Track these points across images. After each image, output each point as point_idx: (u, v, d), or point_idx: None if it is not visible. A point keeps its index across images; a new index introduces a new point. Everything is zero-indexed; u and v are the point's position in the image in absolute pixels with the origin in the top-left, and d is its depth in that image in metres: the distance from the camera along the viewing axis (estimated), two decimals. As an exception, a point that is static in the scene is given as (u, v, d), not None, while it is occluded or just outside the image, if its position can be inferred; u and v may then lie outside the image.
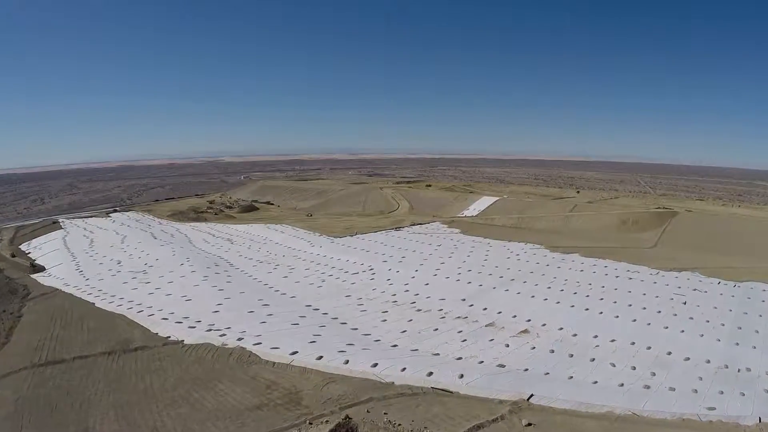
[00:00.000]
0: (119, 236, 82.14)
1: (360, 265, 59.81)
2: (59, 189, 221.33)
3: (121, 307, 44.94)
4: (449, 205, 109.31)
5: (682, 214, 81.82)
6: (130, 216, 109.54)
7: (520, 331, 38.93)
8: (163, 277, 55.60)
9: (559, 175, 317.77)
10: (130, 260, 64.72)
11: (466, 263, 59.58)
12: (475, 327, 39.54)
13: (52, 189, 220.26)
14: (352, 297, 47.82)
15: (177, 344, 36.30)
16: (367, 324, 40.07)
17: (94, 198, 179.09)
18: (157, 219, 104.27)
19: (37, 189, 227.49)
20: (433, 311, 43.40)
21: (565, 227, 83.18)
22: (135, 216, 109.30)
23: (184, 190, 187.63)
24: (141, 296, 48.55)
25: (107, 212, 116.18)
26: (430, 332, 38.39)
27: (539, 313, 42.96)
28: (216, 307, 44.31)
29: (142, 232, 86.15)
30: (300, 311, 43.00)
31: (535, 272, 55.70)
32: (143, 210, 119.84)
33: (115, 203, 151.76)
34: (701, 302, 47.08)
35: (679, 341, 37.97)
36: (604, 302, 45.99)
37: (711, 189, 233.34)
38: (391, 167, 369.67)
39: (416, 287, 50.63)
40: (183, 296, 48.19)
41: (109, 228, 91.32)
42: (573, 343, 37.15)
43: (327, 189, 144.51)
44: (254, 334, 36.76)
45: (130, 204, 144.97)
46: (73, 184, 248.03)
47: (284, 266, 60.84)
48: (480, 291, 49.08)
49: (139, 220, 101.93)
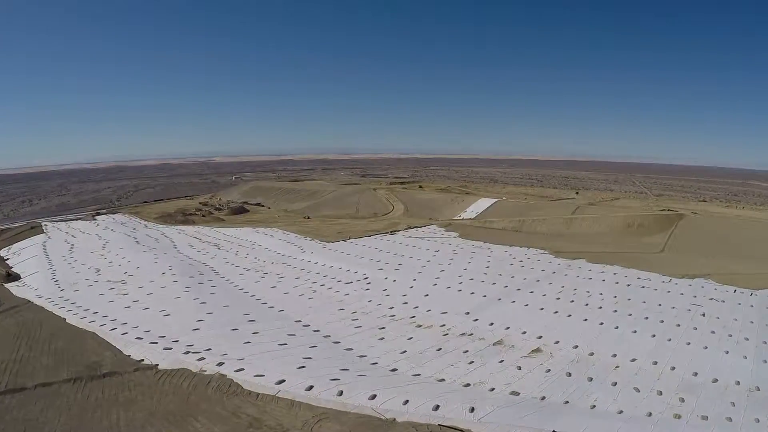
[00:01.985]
0: (101, 241, 78.00)
1: (354, 274, 56.11)
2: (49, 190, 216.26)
3: (94, 324, 40.99)
4: (446, 207, 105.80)
5: (689, 216, 78.83)
6: (116, 218, 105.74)
7: (532, 350, 35.38)
8: (143, 288, 51.66)
9: (552, 175, 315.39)
10: (109, 268, 60.75)
11: (468, 271, 56.03)
12: (482, 346, 35.93)
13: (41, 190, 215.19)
14: (346, 310, 44.07)
15: (150, 369, 32.50)
16: (362, 343, 36.32)
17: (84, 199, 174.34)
18: (144, 221, 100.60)
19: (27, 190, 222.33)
20: (435, 327, 39.72)
21: (568, 230, 79.89)
22: (121, 218, 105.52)
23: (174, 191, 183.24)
24: (116, 310, 44.60)
25: (93, 215, 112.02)
26: (433, 353, 34.70)
27: (550, 328, 39.46)
28: (196, 323, 40.41)
29: (126, 236, 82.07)
30: (288, 328, 39.20)
31: (542, 281, 52.24)
32: (130, 212, 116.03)
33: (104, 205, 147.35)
34: (720, 313, 44.02)
35: (703, 360, 34.78)
36: (618, 315, 42.64)
37: (706, 189, 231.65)
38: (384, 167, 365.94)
39: (415, 299, 46.98)
40: (161, 310, 44.23)
41: (93, 232, 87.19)
42: (590, 363, 33.66)
43: (319, 190, 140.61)
44: (237, 357, 32.90)
45: (118, 205, 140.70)
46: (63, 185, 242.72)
47: (273, 275, 57.02)
48: (484, 303, 45.50)
49: (125, 223, 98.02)
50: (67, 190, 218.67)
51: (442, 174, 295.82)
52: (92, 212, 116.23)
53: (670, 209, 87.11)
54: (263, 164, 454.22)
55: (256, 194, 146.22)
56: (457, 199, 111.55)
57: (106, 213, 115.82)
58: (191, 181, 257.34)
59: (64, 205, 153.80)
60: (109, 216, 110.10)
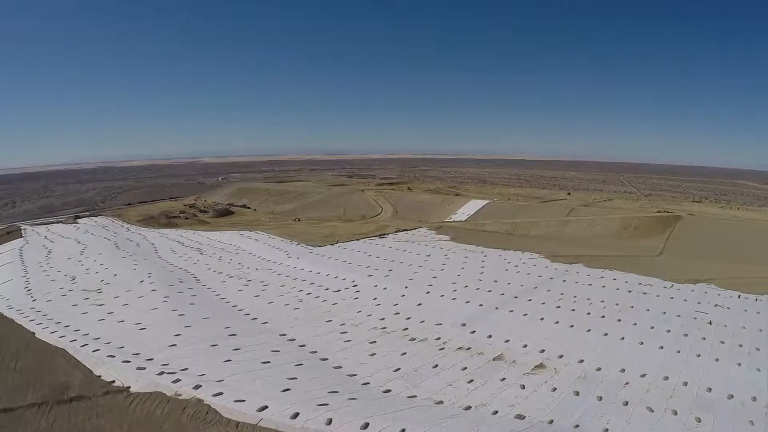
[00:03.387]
0: (80, 246, 74.84)
1: (342, 281, 53.44)
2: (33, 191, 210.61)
3: (64, 339, 37.89)
4: (436, 209, 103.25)
5: (686, 218, 76.99)
6: (97, 221, 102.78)
7: (535, 365, 32.94)
8: (119, 298, 48.58)
9: (541, 175, 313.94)
10: (86, 276, 57.67)
11: (461, 277, 53.56)
12: (481, 362, 33.42)
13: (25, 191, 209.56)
14: (334, 322, 41.37)
15: (121, 393, 29.58)
16: (352, 360, 33.61)
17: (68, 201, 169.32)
18: (126, 224, 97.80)
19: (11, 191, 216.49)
20: (430, 341, 37.13)
21: (563, 233, 77.72)
22: (103, 221, 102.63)
23: (160, 193, 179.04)
24: (89, 323, 41.54)
25: (75, 217, 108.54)
26: (429, 370, 32.10)
27: (553, 340, 37.10)
28: (173, 338, 37.46)
29: (106, 241, 78.89)
30: (272, 343, 36.40)
31: (539, 287, 49.92)
32: (113, 214, 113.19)
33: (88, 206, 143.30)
34: (727, 321, 42.13)
35: (716, 373, 32.75)
36: (622, 324, 40.43)
37: (695, 188, 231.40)
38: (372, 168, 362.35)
39: (407, 308, 44.39)
40: (137, 323, 41.18)
41: (72, 236, 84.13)
42: (598, 380, 31.30)
43: (306, 192, 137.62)
44: (215, 378, 30.04)
45: (102, 207, 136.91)
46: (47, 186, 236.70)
47: (257, 282, 54.19)
48: (481, 312, 43.03)
49: (107, 227, 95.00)
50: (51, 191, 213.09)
51: (431, 174, 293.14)
52: (72, 215, 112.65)
53: (666, 210, 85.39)
54: (251, 165, 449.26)
55: (242, 196, 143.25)
56: (447, 201, 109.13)
57: (89, 215, 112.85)
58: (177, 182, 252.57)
59: (48, 207, 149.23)
60: (91, 219, 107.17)
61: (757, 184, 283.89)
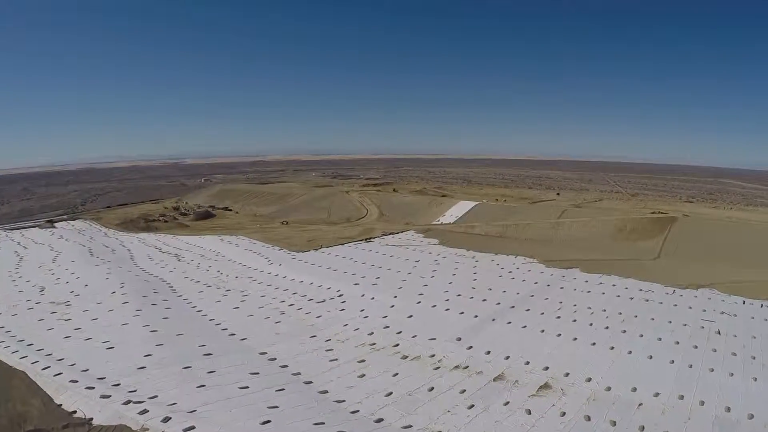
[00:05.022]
0: (53, 253, 71.64)
1: (327, 290, 50.31)
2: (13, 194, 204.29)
3: (26, 360, 34.47)
4: (423, 211, 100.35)
5: (681, 219, 75.01)
6: (75, 225, 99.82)
7: (540, 386, 30.11)
8: (88, 312, 45.11)
9: (526, 175, 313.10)
10: (55, 286, 54.31)
11: (453, 285, 50.70)
12: (481, 382, 30.49)
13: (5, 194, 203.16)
14: (318, 337, 38.20)
15: (82, 426, 26.30)
16: (339, 383, 30.45)
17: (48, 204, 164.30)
18: (104, 229, 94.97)
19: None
20: (424, 358, 34.12)
21: (556, 236, 75.25)
22: (81, 225, 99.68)
23: (141, 195, 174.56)
24: (54, 341, 38.09)
25: (48, 221, 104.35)
26: (424, 393, 29.07)
27: (556, 356, 34.34)
28: (143, 359, 34.04)
29: (81, 247, 75.64)
30: (252, 363, 33.16)
31: (536, 295, 47.23)
32: (92, 218, 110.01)
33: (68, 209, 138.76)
34: (736, 330, 39.99)
35: (732, 390, 30.38)
36: (628, 336, 37.87)
37: (681, 187, 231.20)
38: (355, 168, 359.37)
39: (397, 321, 41.36)
40: (105, 342, 37.67)
41: (46, 242, 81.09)
42: (610, 402, 28.57)
43: (289, 193, 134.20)
44: (187, 408, 26.72)
45: (81, 211, 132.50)
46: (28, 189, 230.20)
47: (236, 292, 50.92)
48: (476, 325, 40.16)
49: (84, 231, 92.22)
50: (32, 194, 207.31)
51: (415, 174, 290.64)
52: (47, 219, 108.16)
53: (661, 211, 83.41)
54: (235, 166, 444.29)
55: (223, 197, 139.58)
56: (434, 202, 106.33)
57: (66, 219, 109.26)
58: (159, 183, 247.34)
59: (27, 210, 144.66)
60: (69, 223, 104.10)
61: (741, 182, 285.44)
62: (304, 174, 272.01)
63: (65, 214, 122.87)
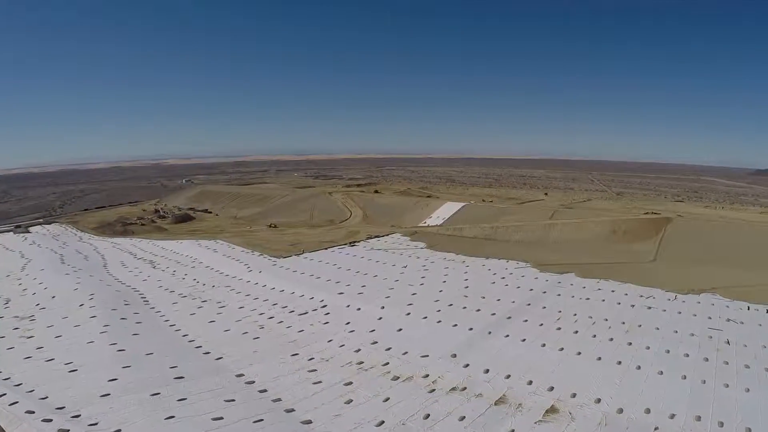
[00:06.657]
0: (23, 260, 67.73)
1: (309, 300, 47.07)
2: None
3: (-20, 384, 30.61)
4: (408, 213, 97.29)
5: (676, 220, 72.90)
6: (50, 230, 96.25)
7: (546, 410, 27.19)
8: (52, 327, 41.30)
9: (510, 174, 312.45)
10: (21, 298, 50.61)
11: (444, 294, 47.72)
12: (481, 407, 27.46)
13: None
14: (301, 356, 34.91)
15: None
16: (324, 410, 27.16)
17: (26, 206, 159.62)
18: (80, 233, 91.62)
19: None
20: (417, 379, 31.00)
21: (548, 238, 72.68)
22: (55, 230, 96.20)
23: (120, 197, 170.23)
24: (13, 362, 34.26)
25: (18, 226, 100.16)
26: (420, 422, 25.95)
27: (560, 374, 31.48)
28: (107, 384, 30.35)
29: (52, 254, 71.85)
30: (227, 389, 29.74)
31: (533, 304, 44.43)
32: (68, 221, 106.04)
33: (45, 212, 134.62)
34: (745, 339, 37.70)
35: (751, 408, 27.90)
36: (635, 349, 35.21)
37: (664, 186, 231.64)
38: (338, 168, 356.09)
39: (386, 336, 38.19)
40: (68, 363, 33.89)
41: (17, 248, 77.09)
42: (623, 426, 25.80)
43: (270, 195, 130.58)
44: (150, 446, 23.37)
45: (58, 214, 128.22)
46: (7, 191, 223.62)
47: (212, 303, 47.49)
48: (472, 338, 37.17)
49: (58, 236, 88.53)
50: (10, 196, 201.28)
51: (398, 174, 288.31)
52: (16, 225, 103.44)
53: (653, 212, 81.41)
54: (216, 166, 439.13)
55: (203, 199, 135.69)
56: (420, 204, 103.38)
57: (42, 223, 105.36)
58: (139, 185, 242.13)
59: (5, 213, 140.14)
60: (44, 227, 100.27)
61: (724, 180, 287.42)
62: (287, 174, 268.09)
63: (42, 217, 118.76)
